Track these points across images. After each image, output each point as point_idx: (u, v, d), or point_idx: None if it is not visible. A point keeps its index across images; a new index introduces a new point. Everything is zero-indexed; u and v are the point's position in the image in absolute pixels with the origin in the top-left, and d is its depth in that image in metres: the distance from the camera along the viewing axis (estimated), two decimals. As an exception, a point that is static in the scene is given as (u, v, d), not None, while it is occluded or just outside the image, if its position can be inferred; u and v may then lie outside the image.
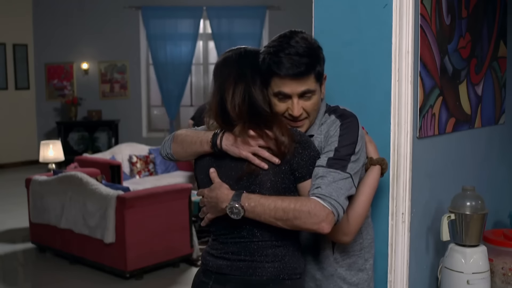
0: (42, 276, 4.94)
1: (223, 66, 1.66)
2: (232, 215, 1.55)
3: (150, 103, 10.75)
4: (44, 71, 10.72)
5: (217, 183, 1.63)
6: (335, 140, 1.62)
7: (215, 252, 1.68)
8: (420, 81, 2.06)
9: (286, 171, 1.59)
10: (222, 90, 1.63)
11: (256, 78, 1.63)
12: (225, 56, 1.69)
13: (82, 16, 10.36)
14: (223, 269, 1.63)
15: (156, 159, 7.33)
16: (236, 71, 1.63)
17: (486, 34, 2.61)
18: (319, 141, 1.69)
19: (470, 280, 2.09)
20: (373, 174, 1.72)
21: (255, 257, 1.61)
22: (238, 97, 1.60)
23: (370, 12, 1.94)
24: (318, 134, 1.70)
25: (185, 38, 10.20)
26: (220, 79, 1.65)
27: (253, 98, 1.61)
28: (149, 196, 4.71)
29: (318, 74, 1.63)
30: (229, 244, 1.65)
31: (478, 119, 2.59)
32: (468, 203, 2.14)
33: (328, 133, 1.66)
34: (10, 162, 10.46)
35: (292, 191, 1.61)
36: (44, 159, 6.13)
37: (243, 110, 1.60)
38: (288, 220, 1.50)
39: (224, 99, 1.62)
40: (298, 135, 1.61)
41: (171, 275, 4.79)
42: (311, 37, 1.68)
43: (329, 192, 1.49)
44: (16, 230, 6.17)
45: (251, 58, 1.66)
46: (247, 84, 1.61)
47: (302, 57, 1.58)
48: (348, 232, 1.64)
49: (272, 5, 10.10)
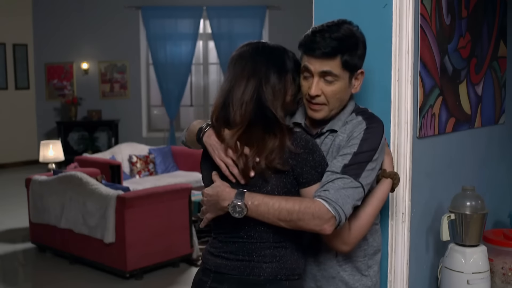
0: (42, 276, 4.94)
1: (238, 60, 1.63)
2: (235, 214, 1.52)
3: (150, 103, 10.75)
4: (44, 71, 10.72)
5: (219, 181, 1.60)
6: (356, 144, 1.58)
7: (215, 251, 1.67)
8: (420, 81, 2.06)
9: (289, 175, 1.56)
10: (232, 84, 1.60)
11: (269, 76, 1.59)
12: (242, 50, 1.65)
13: (82, 16, 10.35)
14: (222, 268, 1.63)
15: (156, 159, 7.33)
16: (250, 66, 1.60)
17: (486, 34, 2.61)
18: (340, 139, 1.66)
19: (470, 280, 2.09)
20: (383, 186, 1.68)
21: (253, 257, 1.60)
22: (247, 94, 1.57)
23: (370, 12, 1.94)
24: (342, 132, 1.67)
25: (185, 38, 10.20)
26: (233, 72, 1.62)
27: (262, 97, 1.57)
28: (149, 196, 4.71)
29: (346, 62, 1.61)
30: (228, 243, 1.64)
31: (478, 119, 2.59)
32: (468, 203, 2.14)
33: (352, 133, 1.63)
34: (10, 162, 10.46)
35: (294, 194, 1.58)
36: (44, 159, 6.13)
37: (248, 109, 1.57)
38: (291, 221, 1.49)
39: (232, 95, 1.59)
40: (302, 141, 1.56)
41: (171, 275, 4.78)
42: (358, 31, 1.66)
43: (336, 198, 1.47)
44: (16, 230, 6.17)
45: (268, 53, 1.62)
46: (259, 82, 1.58)
47: (333, 40, 1.58)
48: (348, 242, 1.61)
49: (272, 5, 10.10)
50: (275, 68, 1.61)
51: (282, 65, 1.63)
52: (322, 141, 1.71)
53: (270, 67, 1.60)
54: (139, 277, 4.65)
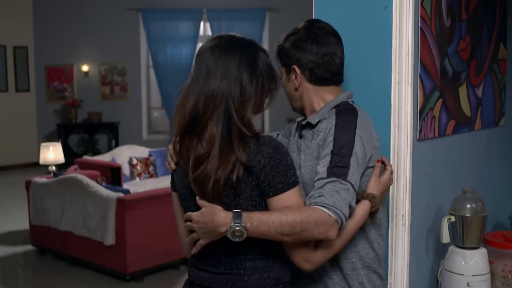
0: (42, 278, 4.94)
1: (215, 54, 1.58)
2: (235, 239, 1.43)
3: (150, 105, 10.75)
4: (44, 73, 10.73)
5: (209, 206, 1.48)
6: (330, 141, 1.55)
7: (198, 264, 1.62)
8: (420, 83, 2.06)
9: (253, 182, 1.47)
10: (207, 80, 1.58)
11: (241, 76, 1.54)
12: (214, 44, 1.60)
13: (82, 18, 10.37)
14: (205, 281, 1.58)
15: (156, 161, 7.33)
16: (225, 64, 1.55)
17: (486, 36, 2.61)
18: (319, 139, 1.63)
19: (470, 282, 2.09)
20: (361, 208, 1.58)
21: (234, 270, 1.53)
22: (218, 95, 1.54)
23: (370, 15, 1.94)
24: (319, 131, 1.65)
25: (185, 40, 10.21)
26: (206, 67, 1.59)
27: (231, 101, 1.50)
28: (149, 198, 4.71)
29: (284, 64, 1.76)
30: (209, 256, 1.58)
31: (478, 121, 2.59)
32: (468, 205, 2.14)
33: (326, 129, 1.61)
34: (11, 164, 10.46)
35: (258, 206, 1.49)
36: (44, 161, 6.13)
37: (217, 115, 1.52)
38: (295, 234, 1.42)
39: (208, 93, 1.58)
40: (270, 147, 1.47)
41: (171, 277, 4.78)
42: (303, 27, 1.74)
43: (333, 202, 1.43)
44: (16, 232, 6.17)
45: (241, 48, 1.60)
46: (229, 83, 1.52)
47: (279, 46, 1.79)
48: (311, 260, 1.52)
49: (272, 7, 10.11)
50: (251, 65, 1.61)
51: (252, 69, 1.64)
52: (304, 133, 1.71)
53: (243, 64, 1.60)
54: (139, 280, 4.65)
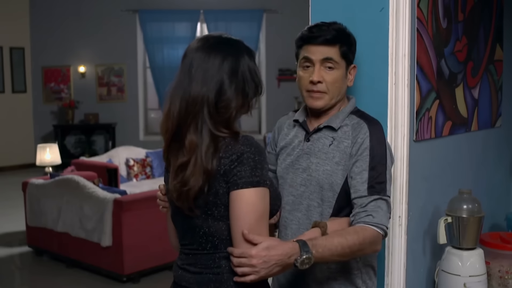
0: (38, 280, 4.93)
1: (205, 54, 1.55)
2: (303, 266, 1.44)
3: (147, 106, 10.74)
4: (41, 74, 10.71)
5: (269, 239, 1.43)
6: (366, 155, 1.63)
7: (180, 263, 1.62)
8: (417, 84, 2.06)
9: (225, 184, 1.44)
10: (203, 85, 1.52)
11: (222, 81, 1.49)
12: (198, 45, 1.57)
13: (79, 19, 10.35)
14: (183, 281, 1.57)
15: (153, 162, 7.32)
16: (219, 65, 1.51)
17: (483, 37, 2.62)
18: (345, 146, 1.68)
19: (467, 283, 2.09)
20: (311, 233, 1.59)
21: (211, 269, 1.50)
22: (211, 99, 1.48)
23: (367, 16, 1.95)
24: (345, 138, 1.69)
25: (183, 41, 10.19)
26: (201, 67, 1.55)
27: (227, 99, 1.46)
28: (146, 199, 4.70)
29: (344, 52, 1.71)
30: (188, 255, 1.57)
31: (474, 122, 2.59)
32: (464, 206, 2.15)
33: (355, 138, 1.67)
34: (7, 166, 10.43)
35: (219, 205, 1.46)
36: (41, 162, 6.11)
37: None
38: (352, 254, 1.55)
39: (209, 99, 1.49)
40: (245, 146, 1.43)
41: (168, 279, 4.71)
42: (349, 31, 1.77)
43: (380, 219, 1.58)
44: (13, 234, 6.15)
45: (225, 52, 1.51)
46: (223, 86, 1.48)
47: (332, 30, 1.70)
48: None
49: (269, 8, 10.12)
50: None
51: None
52: (318, 136, 1.74)
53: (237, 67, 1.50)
54: (136, 281, 4.64)
